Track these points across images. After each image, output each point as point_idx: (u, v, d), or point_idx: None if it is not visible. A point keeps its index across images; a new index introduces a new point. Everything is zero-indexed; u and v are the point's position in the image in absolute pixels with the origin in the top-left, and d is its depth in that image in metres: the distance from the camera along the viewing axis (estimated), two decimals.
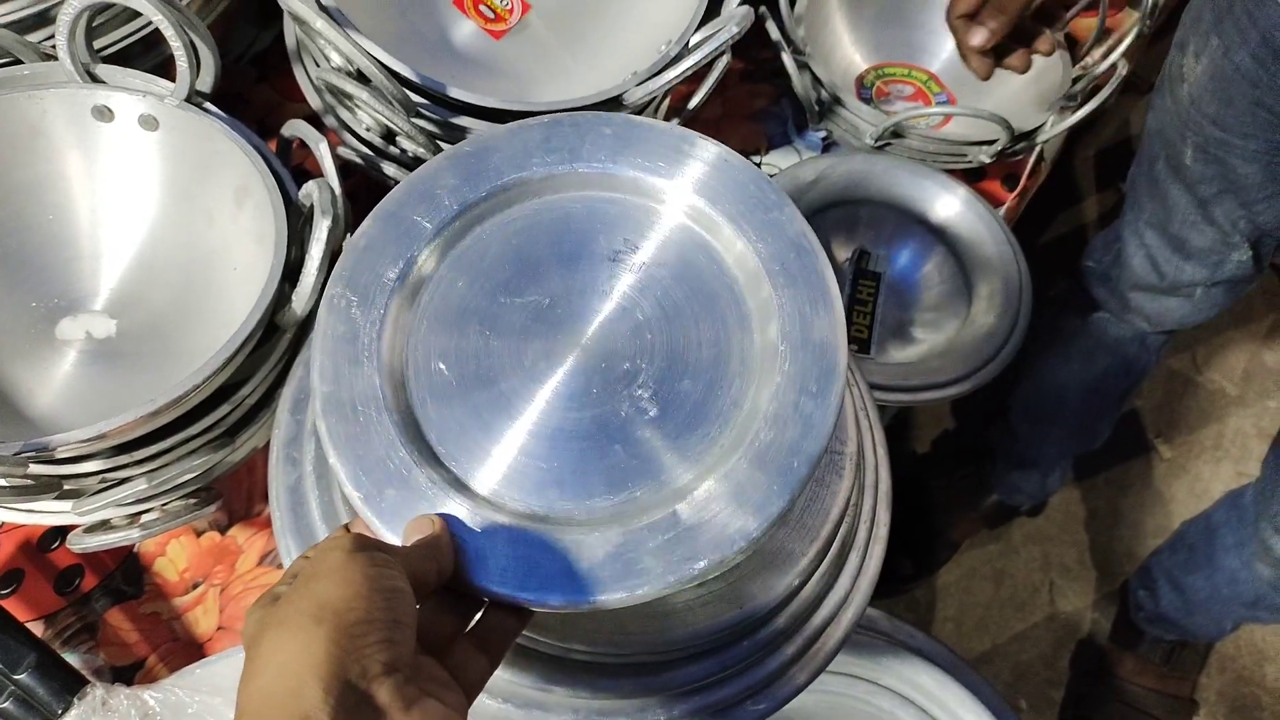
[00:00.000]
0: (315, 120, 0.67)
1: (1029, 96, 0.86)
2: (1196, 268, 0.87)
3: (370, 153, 0.69)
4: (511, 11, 0.76)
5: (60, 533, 0.66)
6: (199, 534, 0.67)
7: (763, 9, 0.80)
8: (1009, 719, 0.76)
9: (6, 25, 0.60)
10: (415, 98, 0.63)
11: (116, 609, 0.64)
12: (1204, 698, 1.26)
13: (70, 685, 0.55)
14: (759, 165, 0.88)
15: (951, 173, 0.81)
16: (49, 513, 0.56)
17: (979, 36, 0.65)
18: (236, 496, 0.68)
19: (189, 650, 0.63)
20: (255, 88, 0.87)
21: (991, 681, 0.78)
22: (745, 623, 0.45)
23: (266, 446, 0.59)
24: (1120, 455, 1.41)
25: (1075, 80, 0.85)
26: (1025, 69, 0.78)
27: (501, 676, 0.44)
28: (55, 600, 0.64)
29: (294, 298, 0.54)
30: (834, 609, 0.50)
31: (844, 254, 0.80)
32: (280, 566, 0.67)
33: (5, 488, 0.50)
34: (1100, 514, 1.38)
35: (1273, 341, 1.53)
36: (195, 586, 0.66)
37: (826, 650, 0.50)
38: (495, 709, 0.44)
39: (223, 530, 0.68)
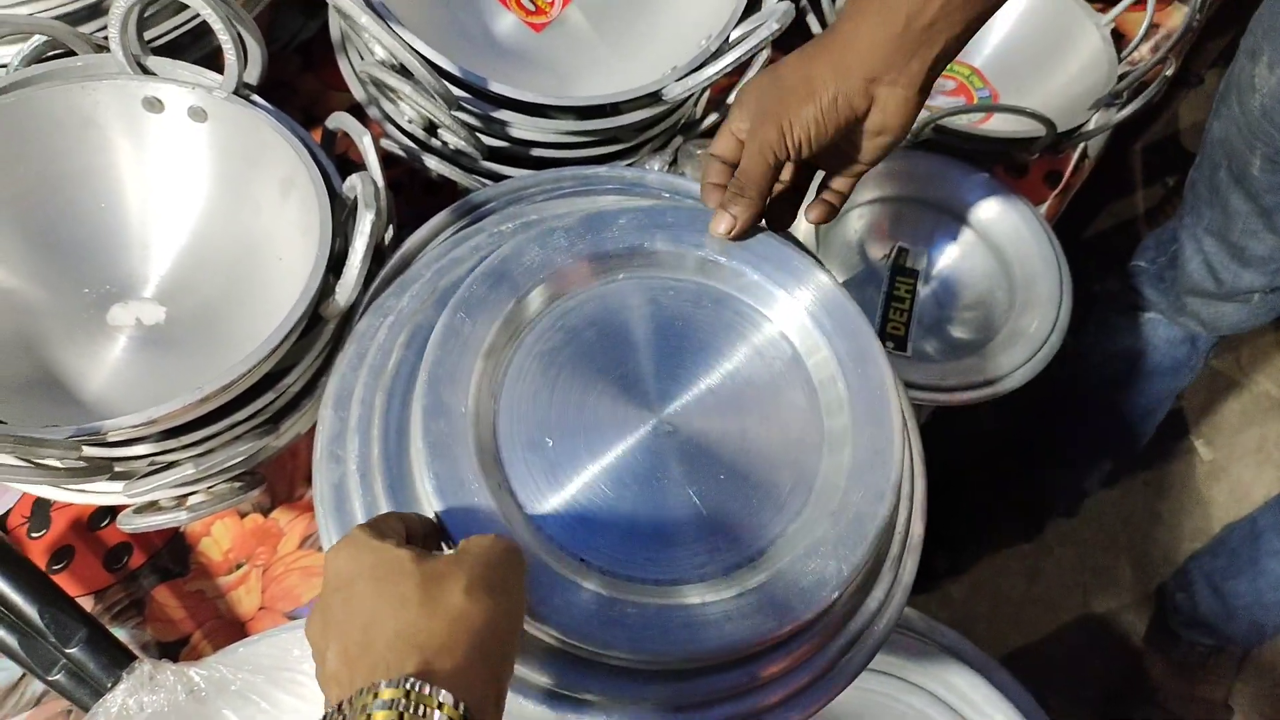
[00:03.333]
0: (359, 111, 0.68)
1: (1074, 93, 0.85)
2: (1255, 275, 0.86)
3: (412, 145, 0.70)
4: (552, 4, 0.77)
5: (109, 512, 0.68)
6: (243, 516, 0.69)
7: (803, 3, 0.80)
8: (1039, 718, 0.76)
9: (59, 17, 0.61)
10: (456, 91, 0.64)
11: (163, 586, 0.66)
12: (1238, 704, 1.25)
13: (119, 660, 0.57)
14: None
15: (993, 170, 0.80)
16: (100, 493, 0.57)
17: (723, 224, 0.51)
18: (279, 480, 0.70)
19: (232, 628, 0.65)
20: (300, 76, 0.88)
21: (1022, 679, 0.78)
22: (781, 634, 0.45)
23: (309, 433, 0.60)
24: (1160, 457, 1.39)
25: (1121, 77, 0.84)
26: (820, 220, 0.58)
27: (539, 679, 0.45)
28: (105, 577, 0.66)
29: (338, 289, 0.55)
30: (867, 620, 0.50)
31: (882, 250, 0.80)
32: (320, 549, 0.69)
33: (59, 469, 0.52)
34: (1137, 516, 1.36)
35: None
36: (239, 567, 0.67)
37: (859, 660, 0.50)
38: (533, 711, 0.45)
39: (265, 513, 0.69)
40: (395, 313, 0.54)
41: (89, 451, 0.53)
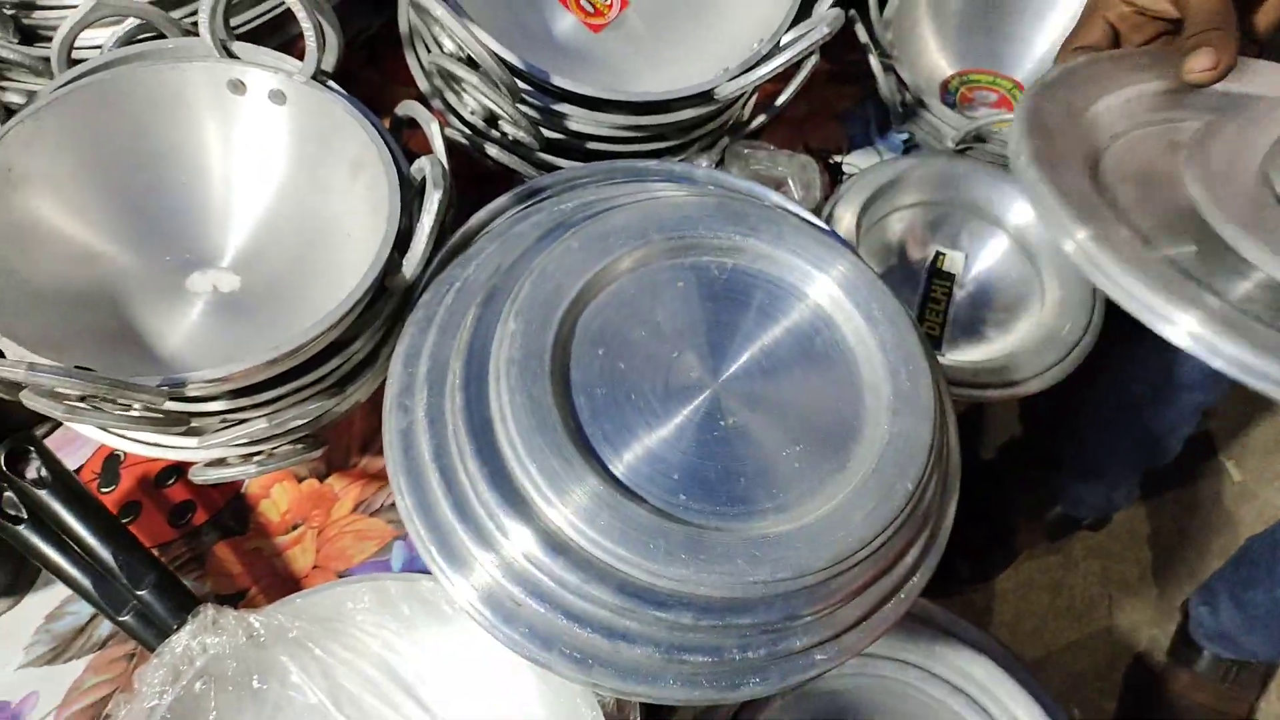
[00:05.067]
0: (423, 102, 0.72)
1: None
2: None
3: (474, 135, 0.73)
4: (611, 6, 0.80)
5: (176, 470, 0.72)
6: (300, 480, 0.73)
7: (852, 12, 0.83)
8: (1059, 715, 0.77)
9: (153, 2, 0.66)
10: (520, 84, 0.67)
11: (223, 543, 0.70)
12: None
13: (185, 604, 0.60)
14: (839, 164, 0.91)
15: None
16: (174, 447, 0.61)
17: (1202, 59, 0.52)
18: (336, 448, 0.73)
19: (287, 584, 0.69)
20: (365, 70, 0.92)
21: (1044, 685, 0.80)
22: (829, 567, 0.49)
23: (367, 403, 0.64)
24: (1190, 475, 1.40)
25: None
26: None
27: (589, 605, 0.48)
28: (169, 531, 0.70)
29: (405, 262, 0.58)
30: (903, 575, 0.53)
31: (920, 254, 0.82)
32: (373, 514, 0.72)
33: (139, 419, 0.55)
34: (1165, 533, 1.37)
35: None
36: (295, 528, 0.71)
37: (890, 615, 0.53)
38: (584, 636, 0.48)
39: (322, 478, 0.73)
40: (462, 280, 0.58)
41: (169, 405, 0.57)
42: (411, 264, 0.58)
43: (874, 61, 0.82)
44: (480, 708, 0.62)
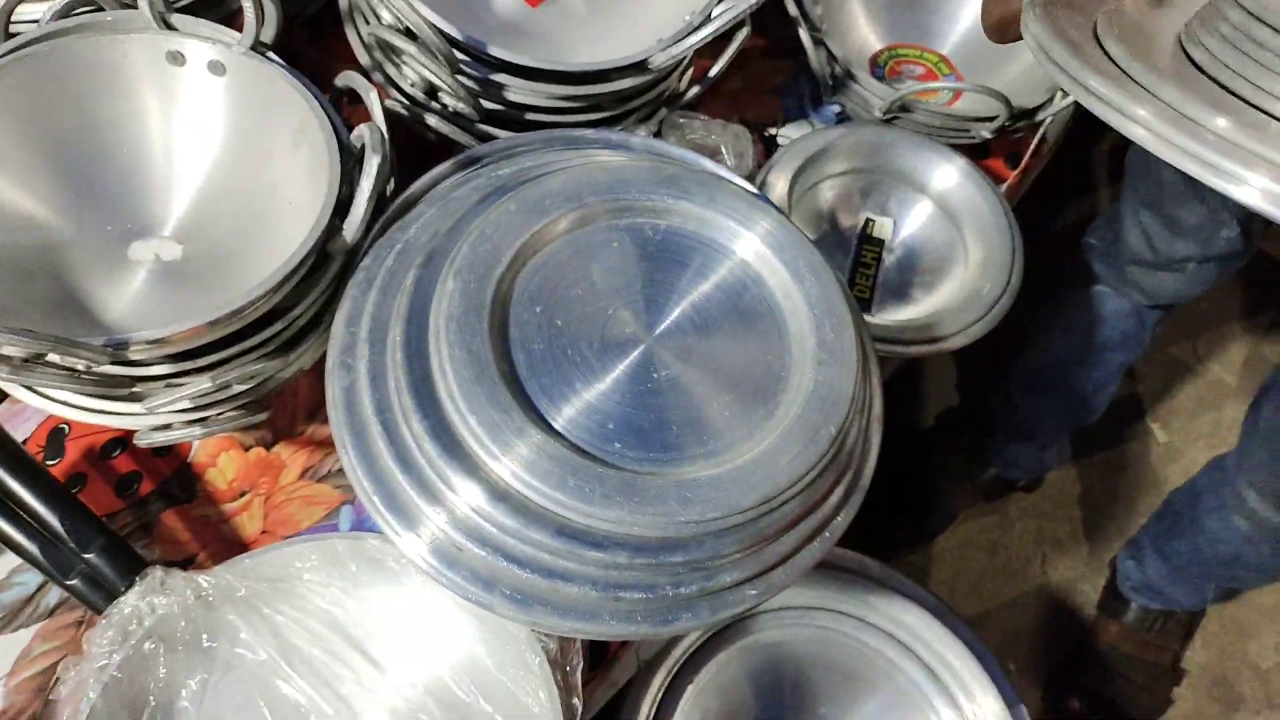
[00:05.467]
0: (364, 76, 0.73)
1: (1035, 78, 0.91)
2: (1188, 244, 0.92)
3: (414, 107, 0.75)
4: None
5: (120, 443, 0.73)
6: (246, 449, 0.74)
7: None
8: (988, 660, 0.81)
9: None
10: (458, 55, 0.69)
11: (171, 511, 0.71)
12: (1188, 669, 1.31)
13: (133, 566, 0.61)
14: (774, 137, 0.93)
15: (957, 148, 0.86)
16: (120, 414, 0.62)
17: None
18: (282, 416, 0.74)
19: (235, 550, 0.70)
20: (306, 48, 0.93)
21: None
22: (757, 506, 0.51)
23: (311, 370, 0.65)
24: (1117, 438, 1.46)
25: None
26: None
27: (529, 547, 0.50)
28: (115, 502, 0.71)
29: (345, 227, 0.60)
30: (828, 515, 0.56)
31: (851, 220, 0.85)
32: (320, 479, 0.73)
33: (85, 381, 0.56)
34: (1095, 492, 1.43)
35: (1273, 335, 1.57)
36: (242, 494, 0.72)
37: (815, 552, 0.56)
38: (524, 577, 0.51)
39: (268, 446, 0.74)
40: (402, 243, 0.60)
41: (112, 369, 0.58)
42: (352, 228, 0.60)
43: (804, 35, 0.85)
44: (428, 661, 0.64)
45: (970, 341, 0.74)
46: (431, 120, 0.73)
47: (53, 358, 0.54)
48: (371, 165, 0.59)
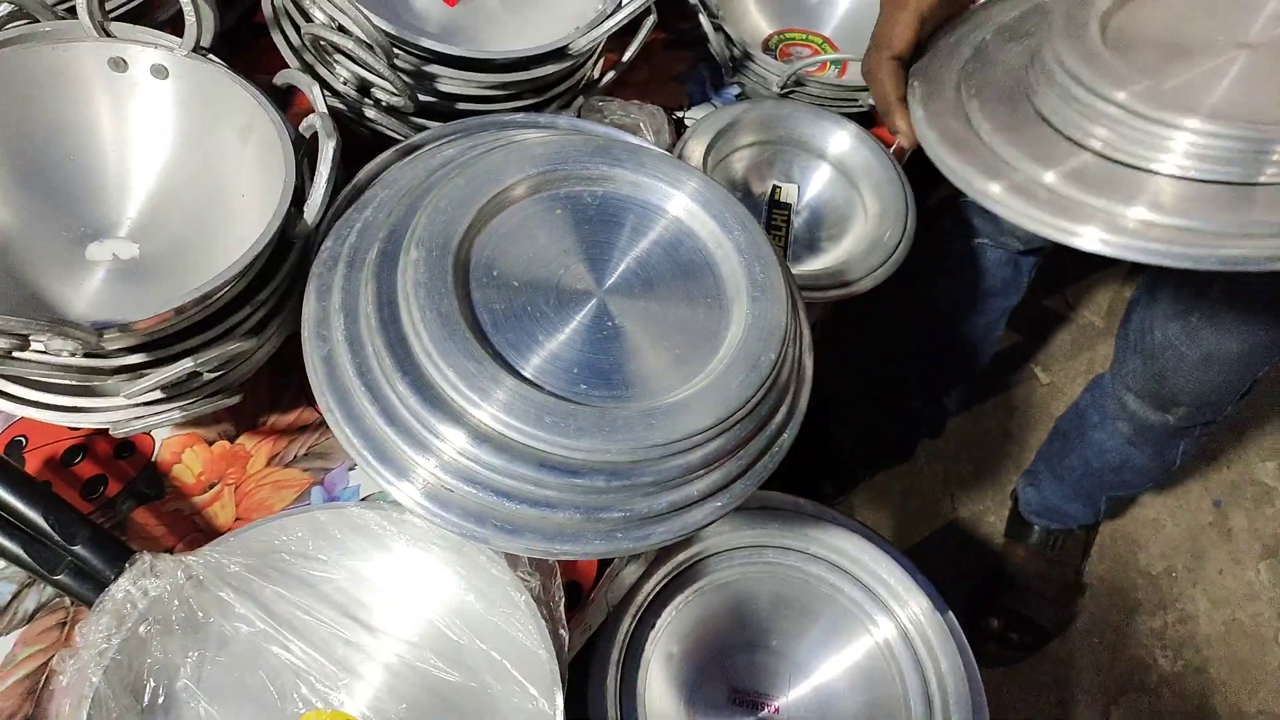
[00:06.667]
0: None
1: None
2: None
3: (348, 104, 0.79)
4: None
5: (79, 450, 0.74)
6: (210, 443, 0.76)
7: None
8: (915, 573, 0.89)
9: None
10: (393, 48, 0.73)
11: (142, 509, 0.72)
12: (1088, 582, 1.44)
13: (120, 554, 0.63)
14: (682, 119, 1.01)
15: (847, 116, 0.95)
16: (93, 410, 0.64)
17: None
18: (242, 409, 0.76)
19: (211, 538, 0.71)
20: (229, 59, 0.95)
21: None
22: (714, 426, 0.57)
23: (268, 364, 0.68)
24: (1006, 384, 1.60)
25: None
26: None
27: (515, 482, 0.55)
28: (84, 505, 0.72)
29: (305, 211, 0.64)
30: (774, 433, 0.63)
31: (760, 188, 0.93)
32: (287, 465, 0.76)
33: (64, 372, 0.58)
34: (992, 433, 1.55)
35: (1133, 280, 1.74)
36: (212, 486, 0.74)
37: (769, 465, 0.63)
38: (515, 510, 0.55)
39: (232, 439, 0.76)
40: (361, 221, 0.64)
41: (88, 361, 0.60)
42: (312, 211, 0.64)
43: (704, 21, 0.92)
44: (419, 616, 0.67)
45: (877, 284, 0.83)
46: (370, 114, 0.77)
47: (35, 348, 0.56)
48: (327, 149, 0.63)
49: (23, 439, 0.74)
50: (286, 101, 0.88)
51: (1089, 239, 0.55)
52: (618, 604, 0.81)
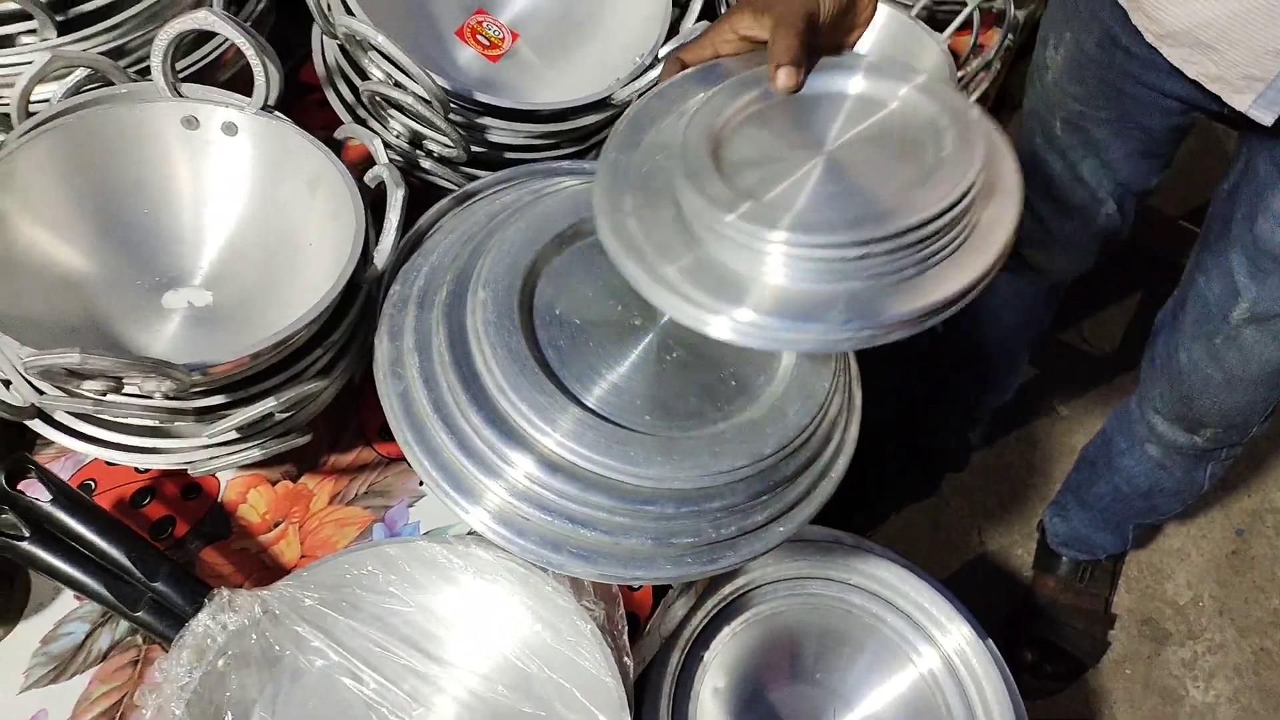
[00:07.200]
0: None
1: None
2: (1075, 223, 1.07)
3: (402, 156, 0.82)
4: (504, 40, 0.91)
5: (148, 492, 0.76)
6: (274, 484, 0.78)
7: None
8: (956, 601, 0.91)
9: (102, 53, 0.72)
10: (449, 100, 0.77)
11: (210, 548, 0.74)
12: (1118, 612, 1.45)
13: (198, 590, 0.65)
14: None
15: None
16: (169, 452, 0.66)
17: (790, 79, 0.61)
18: (304, 450, 0.79)
19: (278, 575, 0.73)
20: None
21: None
22: (776, 453, 0.59)
23: (328, 410, 0.71)
24: (1027, 417, 1.62)
25: (961, 80, 1.04)
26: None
27: (589, 510, 0.57)
28: (153, 545, 0.74)
29: (375, 255, 0.67)
30: (831, 458, 0.65)
31: None
32: (349, 503, 0.78)
33: (150, 412, 0.61)
34: (1015, 466, 1.57)
35: (1146, 312, 1.77)
36: (277, 525, 0.76)
37: (827, 490, 0.65)
38: (589, 537, 0.57)
39: (294, 479, 0.78)
40: (428, 265, 0.67)
41: (173, 403, 0.62)
42: (382, 256, 0.67)
43: None
44: (488, 647, 0.69)
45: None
46: (425, 164, 0.81)
47: (127, 390, 0.58)
48: (396, 199, 0.66)
49: (92, 483, 0.76)
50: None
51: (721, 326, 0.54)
52: (669, 636, 0.82)
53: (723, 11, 0.91)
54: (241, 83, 0.73)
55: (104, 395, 0.58)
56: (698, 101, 0.62)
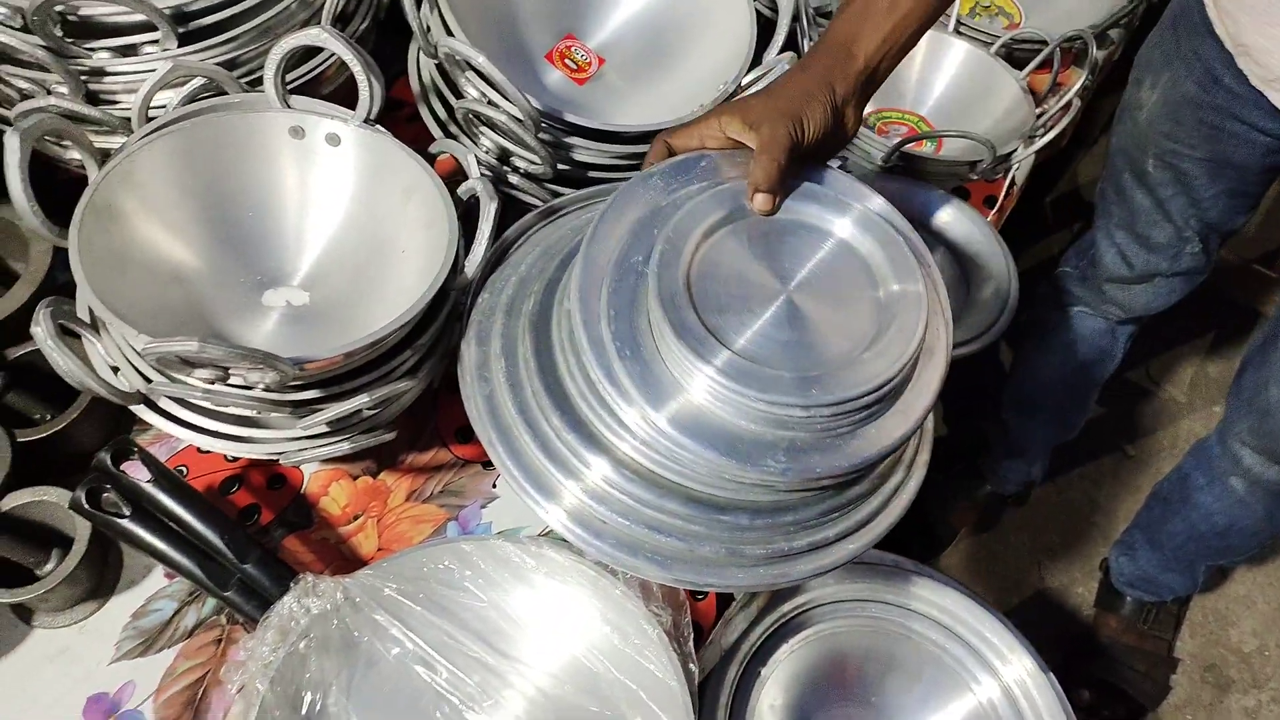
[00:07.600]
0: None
1: (1001, 131, 1.06)
2: (1159, 259, 1.06)
3: (491, 170, 0.86)
4: (590, 64, 0.94)
5: (236, 480, 0.80)
6: (355, 479, 0.81)
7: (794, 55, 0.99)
8: (1014, 630, 0.90)
9: (218, 64, 0.76)
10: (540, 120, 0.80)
11: (292, 536, 0.78)
12: (1180, 657, 1.42)
13: (285, 575, 0.68)
14: None
15: (945, 189, 1.00)
16: (262, 442, 0.69)
17: (767, 204, 0.64)
18: (384, 450, 0.82)
19: (356, 566, 0.76)
20: None
21: None
22: (851, 473, 0.60)
23: (409, 409, 0.73)
24: (1092, 454, 1.60)
25: (1039, 117, 1.05)
26: None
27: (665, 517, 0.59)
28: (244, 529, 0.77)
29: (466, 263, 0.70)
30: (900, 481, 0.66)
31: None
32: (425, 501, 0.81)
33: (251, 402, 0.64)
34: (1077, 503, 1.55)
35: (1214, 355, 1.74)
36: (356, 518, 0.79)
37: (896, 511, 0.66)
38: (664, 542, 0.59)
39: (374, 475, 0.81)
40: (516, 275, 0.70)
41: (270, 396, 0.65)
42: (473, 264, 0.70)
43: None
44: (558, 645, 0.70)
45: (984, 346, 0.86)
46: (513, 179, 0.84)
47: (233, 381, 0.62)
48: (489, 210, 0.69)
49: (184, 469, 0.80)
50: None
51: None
52: (729, 648, 0.83)
53: (805, 46, 0.93)
54: (340, 96, 0.77)
55: (211, 384, 0.61)
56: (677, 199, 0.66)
